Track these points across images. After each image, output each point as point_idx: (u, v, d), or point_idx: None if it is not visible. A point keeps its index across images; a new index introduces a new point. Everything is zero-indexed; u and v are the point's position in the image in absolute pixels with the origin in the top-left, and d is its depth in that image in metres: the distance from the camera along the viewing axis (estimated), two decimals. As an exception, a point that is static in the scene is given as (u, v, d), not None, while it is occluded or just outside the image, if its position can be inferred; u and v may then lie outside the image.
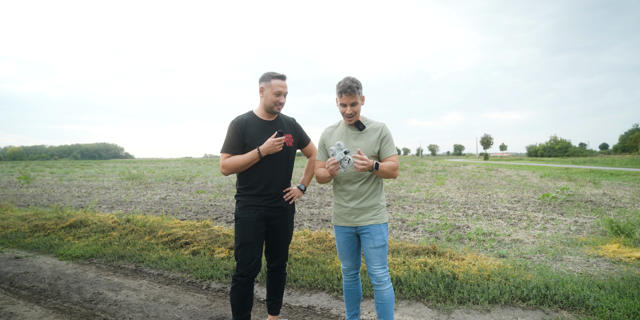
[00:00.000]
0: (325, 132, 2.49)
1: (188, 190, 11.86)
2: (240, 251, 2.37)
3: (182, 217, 6.78)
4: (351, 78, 2.27)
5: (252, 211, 2.39)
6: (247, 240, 2.36)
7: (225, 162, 2.38)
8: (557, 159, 49.75)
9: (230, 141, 2.40)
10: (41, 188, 13.14)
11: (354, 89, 2.22)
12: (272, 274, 2.61)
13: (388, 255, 3.97)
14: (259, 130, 2.41)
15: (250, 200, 2.40)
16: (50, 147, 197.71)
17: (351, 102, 2.25)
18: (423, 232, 5.58)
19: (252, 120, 2.44)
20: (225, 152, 2.40)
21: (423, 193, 10.76)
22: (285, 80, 2.42)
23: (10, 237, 5.37)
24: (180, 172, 22.46)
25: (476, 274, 3.40)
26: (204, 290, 3.48)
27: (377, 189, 2.35)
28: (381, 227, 2.32)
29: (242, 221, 2.39)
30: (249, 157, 2.34)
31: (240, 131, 2.39)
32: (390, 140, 2.35)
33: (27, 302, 3.19)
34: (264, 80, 2.40)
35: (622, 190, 10.64)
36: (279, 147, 2.34)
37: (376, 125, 2.37)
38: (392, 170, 2.26)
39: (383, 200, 2.39)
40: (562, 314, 2.77)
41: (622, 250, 4.31)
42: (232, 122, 2.43)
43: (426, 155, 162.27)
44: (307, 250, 4.30)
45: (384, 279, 2.29)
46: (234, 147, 2.39)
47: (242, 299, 2.39)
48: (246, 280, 2.37)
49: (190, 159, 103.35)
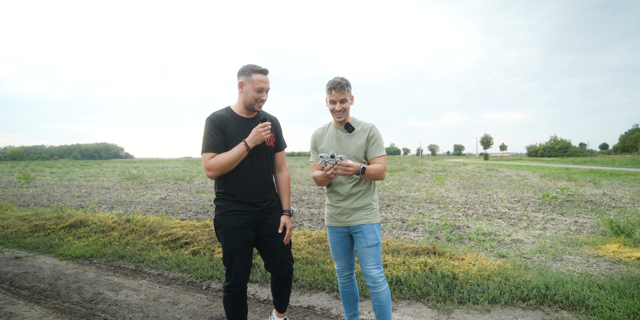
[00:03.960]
0: (316, 134, 2.48)
1: (188, 190, 11.86)
2: (228, 261, 2.21)
3: (182, 217, 6.78)
4: (340, 77, 2.29)
5: (233, 217, 2.20)
6: (234, 248, 2.19)
7: (210, 164, 2.12)
8: (557, 159, 49.74)
9: (211, 139, 2.16)
10: (41, 188, 13.14)
11: (343, 86, 2.23)
12: (280, 281, 2.44)
13: (388, 256, 3.97)
14: (237, 127, 2.21)
15: (232, 205, 2.22)
16: (50, 147, 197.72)
17: (340, 99, 2.26)
18: (423, 232, 5.58)
19: (230, 117, 2.22)
20: (208, 151, 2.15)
21: (423, 193, 10.76)
22: (268, 75, 2.20)
23: (10, 237, 5.37)
24: (180, 172, 22.46)
25: (476, 274, 3.40)
26: (204, 290, 3.48)
27: (368, 189, 2.36)
28: (374, 226, 2.31)
29: (225, 228, 2.20)
30: (237, 152, 2.13)
31: (220, 127, 2.17)
32: (378, 140, 2.34)
33: (27, 302, 3.19)
34: (244, 75, 2.18)
35: (622, 190, 10.63)
36: (265, 135, 2.16)
37: (365, 126, 2.37)
38: (379, 173, 2.26)
39: (375, 201, 2.39)
40: (562, 314, 2.77)
41: (622, 250, 4.31)
42: (209, 119, 2.19)
43: (426, 155, 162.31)
44: (307, 250, 4.30)
45: (379, 279, 2.27)
46: (217, 145, 2.16)
47: (237, 309, 2.28)
48: (239, 291, 2.25)
49: (190, 159, 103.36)
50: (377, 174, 2.25)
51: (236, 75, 2.25)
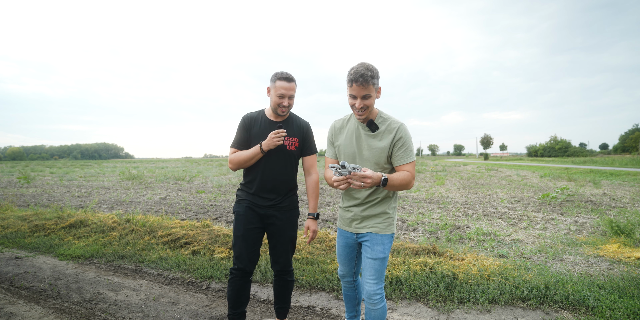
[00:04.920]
0: (334, 126, 2.22)
1: (188, 190, 11.85)
2: (234, 244, 2.41)
3: (182, 217, 6.78)
4: (366, 65, 1.87)
5: (244, 205, 2.41)
6: (238, 233, 2.38)
7: (231, 157, 2.41)
8: (557, 159, 49.76)
9: (237, 136, 2.44)
10: (41, 188, 13.14)
11: (368, 79, 1.84)
12: (277, 278, 2.54)
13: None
14: (262, 129, 2.40)
15: (247, 196, 2.44)
16: (50, 147, 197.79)
17: (362, 95, 1.88)
18: (423, 232, 5.58)
19: (260, 118, 2.44)
20: (232, 147, 2.45)
21: (423, 193, 10.75)
22: (292, 83, 2.32)
23: (10, 237, 5.37)
24: (180, 172, 22.45)
25: (476, 274, 3.40)
26: (204, 290, 3.48)
27: (386, 196, 2.06)
28: (383, 238, 2.02)
29: (237, 214, 2.42)
30: (252, 152, 2.34)
31: (247, 127, 2.42)
32: (407, 144, 1.97)
33: (27, 302, 3.18)
34: (271, 81, 2.38)
35: (622, 190, 10.64)
36: (277, 141, 2.25)
37: (392, 124, 2.01)
38: (405, 184, 1.91)
39: (393, 209, 2.09)
40: (562, 314, 2.77)
41: (622, 250, 4.31)
42: (242, 118, 2.47)
43: (426, 155, 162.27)
44: (307, 250, 4.30)
45: (375, 296, 1.98)
46: (240, 142, 2.42)
47: (238, 293, 2.40)
48: (241, 274, 2.37)
49: (190, 159, 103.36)
50: (403, 184, 1.90)
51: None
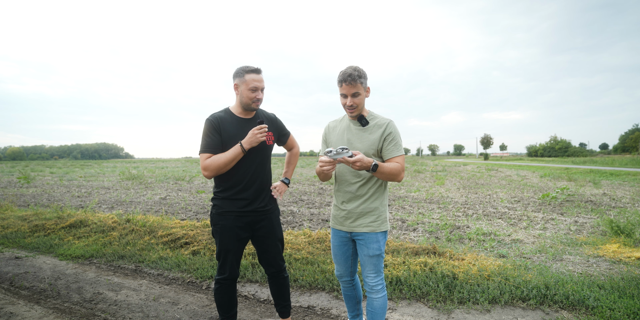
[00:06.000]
0: (328, 127, 2.34)
1: (188, 190, 11.85)
2: (222, 257, 2.30)
3: (182, 217, 6.78)
4: (353, 67, 2.05)
5: (231, 217, 2.26)
6: (228, 247, 2.27)
7: (206, 164, 2.18)
8: (557, 159, 49.75)
9: (208, 140, 2.21)
10: (41, 188, 13.14)
11: (355, 78, 2.01)
12: (273, 279, 2.51)
13: (388, 256, 3.97)
14: (235, 128, 2.25)
15: (228, 205, 2.26)
16: (50, 147, 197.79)
17: (352, 93, 2.05)
18: (423, 232, 5.58)
19: (229, 118, 2.27)
20: (205, 152, 2.21)
21: (423, 193, 10.75)
22: (261, 74, 2.23)
23: (10, 237, 5.37)
24: (180, 172, 22.45)
25: (476, 274, 3.40)
26: (204, 290, 3.48)
27: (377, 191, 2.14)
28: (378, 236, 2.12)
29: (222, 228, 2.27)
30: (232, 154, 2.17)
31: (217, 128, 2.22)
32: (396, 139, 2.11)
33: (27, 302, 3.19)
34: (238, 76, 2.23)
35: (622, 190, 10.64)
36: (261, 137, 2.17)
37: (381, 121, 2.14)
38: (395, 173, 2.02)
39: (385, 206, 2.17)
40: (562, 314, 2.77)
41: (622, 250, 4.31)
42: (207, 120, 2.24)
43: (426, 155, 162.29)
44: (307, 250, 4.30)
45: (377, 287, 2.14)
46: (214, 146, 2.21)
47: (228, 300, 2.36)
48: (229, 283, 2.34)
49: (190, 159, 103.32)
50: (393, 173, 2.01)
51: (231, 78, 2.31)
